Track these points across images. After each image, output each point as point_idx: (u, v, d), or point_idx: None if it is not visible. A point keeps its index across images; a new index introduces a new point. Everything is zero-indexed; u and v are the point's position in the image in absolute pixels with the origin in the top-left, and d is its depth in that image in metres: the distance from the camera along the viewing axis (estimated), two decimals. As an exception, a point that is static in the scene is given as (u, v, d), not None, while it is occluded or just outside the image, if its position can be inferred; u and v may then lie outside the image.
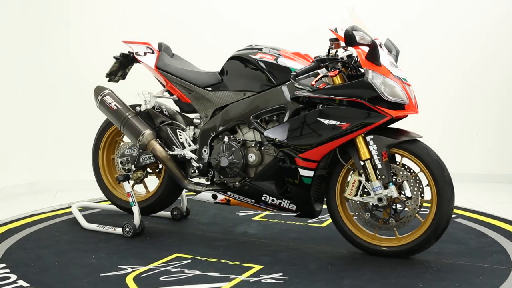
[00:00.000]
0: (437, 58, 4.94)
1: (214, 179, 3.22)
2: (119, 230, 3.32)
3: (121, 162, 3.47)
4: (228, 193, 3.12)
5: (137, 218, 3.30)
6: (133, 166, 3.44)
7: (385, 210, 2.86)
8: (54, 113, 4.77)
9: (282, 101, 2.94)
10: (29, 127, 4.74)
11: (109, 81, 3.56)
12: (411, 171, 2.85)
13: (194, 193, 3.27)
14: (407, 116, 2.85)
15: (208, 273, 2.69)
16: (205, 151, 3.19)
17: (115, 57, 3.47)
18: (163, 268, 2.77)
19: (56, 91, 4.77)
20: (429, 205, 2.84)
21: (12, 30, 4.59)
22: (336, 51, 2.87)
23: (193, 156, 3.24)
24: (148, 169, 3.55)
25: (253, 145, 3.06)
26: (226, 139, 3.09)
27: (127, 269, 2.75)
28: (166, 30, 4.78)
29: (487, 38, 4.90)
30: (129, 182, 3.36)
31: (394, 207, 2.86)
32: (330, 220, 3.56)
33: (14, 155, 4.66)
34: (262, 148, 3.04)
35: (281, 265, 2.82)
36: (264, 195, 3.03)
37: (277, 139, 2.90)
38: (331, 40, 2.86)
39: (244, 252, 3.02)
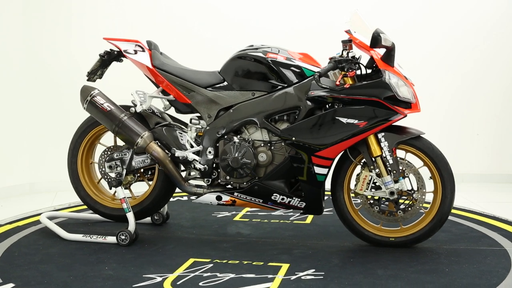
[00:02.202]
0: (437, 58, 5.06)
1: (219, 181, 3.19)
2: (110, 239, 3.18)
3: (110, 167, 3.30)
4: (235, 194, 3.12)
5: (132, 225, 3.18)
6: (124, 170, 3.28)
7: (391, 203, 3.07)
8: (54, 113, 4.76)
9: (297, 101, 3.03)
10: (30, 128, 4.76)
11: (88, 80, 3.40)
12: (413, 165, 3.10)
13: (194, 196, 3.22)
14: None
15: (243, 275, 2.69)
16: (210, 152, 3.15)
17: (100, 55, 3.32)
18: (192, 274, 2.71)
19: (56, 91, 4.77)
20: (431, 196, 3.12)
21: (12, 30, 4.62)
22: (348, 52, 3.01)
23: (196, 157, 3.17)
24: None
25: (262, 144, 3.10)
26: (235, 139, 3.09)
27: (155, 278, 2.65)
28: (166, 29, 4.79)
29: (487, 39, 5.02)
30: (122, 187, 3.23)
31: (399, 200, 3.08)
32: (312, 216, 3.76)
33: (15, 155, 4.69)
34: (272, 148, 3.09)
35: (305, 262, 2.89)
36: (274, 194, 3.09)
37: (294, 138, 2.98)
38: (344, 41, 2.99)
39: (258, 252, 3.05)
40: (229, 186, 3.21)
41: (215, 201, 3.16)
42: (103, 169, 3.36)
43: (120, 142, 3.40)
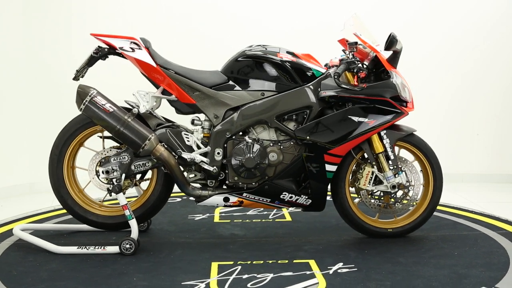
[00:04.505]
0: (437, 58, 5.15)
1: (226, 182, 3.22)
2: (111, 249, 3.07)
3: (106, 172, 3.14)
4: (244, 194, 3.18)
5: (136, 232, 3.11)
6: (123, 175, 3.16)
7: (387, 196, 3.29)
8: (54, 113, 4.75)
9: (308, 101, 3.14)
10: (30, 128, 4.79)
11: (74, 78, 3.27)
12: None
13: (197, 198, 3.20)
14: None
15: (282, 274, 2.77)
16: (218, 153, 3.18)
17: (94, 52, 3.19)
18: (231, 277, 2.74)
19: (56, 91, 4.79)
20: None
21: (12, 30, 4.65)
22: (353, 54, 3.15)
23: (204, 159, 3.17)
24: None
25: (271, 144, 3.17)
26: (247, 139, 3.14)
27: (198, 284, 2.65)
28: (166, 29, 4.84)
29: (487, 39, 5.11)
30: (123, 193, 3.14)
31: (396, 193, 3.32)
32: (288, 214, 3.92)
33: (15, 155, 4.73)
34: (282, 147, 3.17)
35: (326, 257, 3.03)
36: (284, 193, 3.18)
37: (308, 138, 3.09)
38: (350, 44, 3.11)
39: (272, 252, 3.11)
40: (225, 187, 3.25)
41: (222, 202, 3.19)
42: (98, 174, 3.22)
43: (107, 145, 3.33)
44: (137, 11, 4.93)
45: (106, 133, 3.29)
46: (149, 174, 3.39)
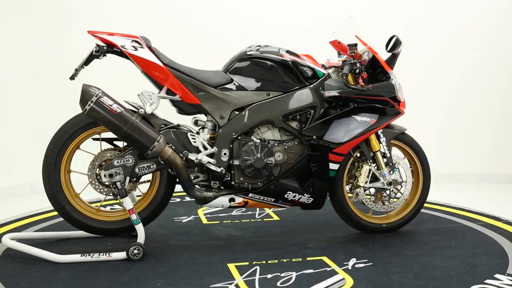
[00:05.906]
0: (437, 58, 5.24)
1: (233, 182, 3.19)
2: (117, 255, 2.98)
3: (110, 175, 3.05)
4: (250, 194, 3.22)
5: (142, 237, 3.05)
6: (127, 178, 3.07)
7: (380, 193, 3.41)
8: (54, 113, 4.69)
9: (313, 101, 3.21)
10: (30, 128, 4.85)
11: (70, 78, 3.16)
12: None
13: (202, 200, 3.18)
14: None
15: (304, 272, 2.81)
16: (225, 153, 3.18)
17: (95, 51, 3.09)
18: (256, 277, 2.74)
19: (56, 91, 4.86)
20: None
21: (12, 30, 4.72)
22: (353, 56, 3.26)
23: (211, 160, 3.15)
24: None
25: (277, 144, 3.21)
26: (255, 140, 3.17)
27: (228, 287, 2.62)
28: (166, 29, 4.88)
29: (487, 39, 5.21)
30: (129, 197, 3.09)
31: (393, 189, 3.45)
32: (273, 213, 3.99)
33: (15, 155, 4.78)
34: (286, 147, 3.22)
35: (336, 253, 3.09)
36: (288, 192, 3.24)
37: (315, 137, 3.15)
38: (350, 45, 3.22)
39: (280, 251, 3.15)
40: (222, 187, 3.25)
41: (227, 203, 3.20)
42: (99, 178, 3.12)
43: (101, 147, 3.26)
44: (137, 11, 4.99)
45: (104, 135, 3.24)
46: (147, 177, 3.34)
